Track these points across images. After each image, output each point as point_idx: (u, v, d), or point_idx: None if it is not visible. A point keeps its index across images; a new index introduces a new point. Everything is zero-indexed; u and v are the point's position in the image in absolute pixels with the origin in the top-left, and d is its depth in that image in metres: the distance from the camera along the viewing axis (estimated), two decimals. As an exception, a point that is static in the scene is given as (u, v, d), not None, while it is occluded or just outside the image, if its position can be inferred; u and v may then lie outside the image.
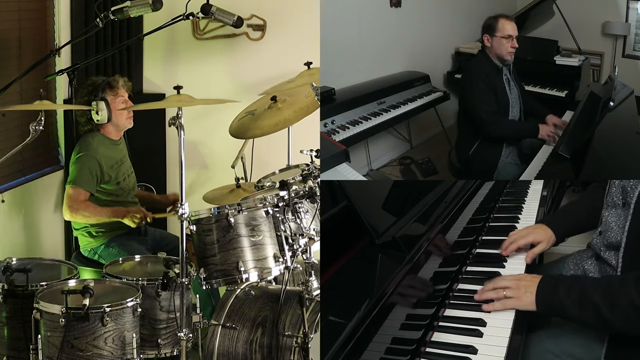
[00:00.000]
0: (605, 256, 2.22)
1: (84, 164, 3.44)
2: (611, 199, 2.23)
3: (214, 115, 4.24)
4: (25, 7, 3.78)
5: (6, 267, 2.88)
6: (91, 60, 3.80)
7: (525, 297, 2.03)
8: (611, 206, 2.23)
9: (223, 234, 2.84)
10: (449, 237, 2.34)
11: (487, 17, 3.60)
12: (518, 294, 2.05)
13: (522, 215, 2.92)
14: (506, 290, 2.07)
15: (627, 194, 2.14)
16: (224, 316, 2.96)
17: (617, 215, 2.18)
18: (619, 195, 2.18)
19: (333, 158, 2.89)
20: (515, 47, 3.52)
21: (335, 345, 1.57)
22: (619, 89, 3.33)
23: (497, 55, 3.52)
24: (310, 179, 3.04)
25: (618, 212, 2.18)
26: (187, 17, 3.61)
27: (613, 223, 2.19)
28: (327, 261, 1.90)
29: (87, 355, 2.67)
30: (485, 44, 3.52)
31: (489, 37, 3.50)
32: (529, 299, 2.03)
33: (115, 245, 3.54)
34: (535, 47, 4.54)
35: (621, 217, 2.15)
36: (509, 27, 3.48)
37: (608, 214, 2.23)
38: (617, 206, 2.19)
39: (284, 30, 4.36)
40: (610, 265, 2.20)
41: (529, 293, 2.03)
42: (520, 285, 2.07)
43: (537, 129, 3.42)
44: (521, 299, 2.04)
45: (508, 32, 3.47)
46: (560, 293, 1.97)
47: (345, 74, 4.19)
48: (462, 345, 1.91)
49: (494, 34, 3.48)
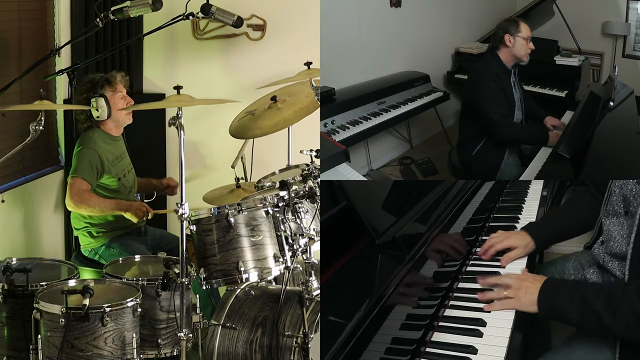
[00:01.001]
0: (610, 267, 2.19)
1: (84, 156, 3.44)
2: (612, 207, 2.20)
3: (214, 115, 4.24)
4: (25, 7, 3.78)
5: (6, 267, 2.88)
6: (91, 60, 3.80)
7: (526, 298, 2.02)
8: (612, 215, 2.20)
9: (223, 234, 2.84)
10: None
11: (505, 19, 3.62)
12: (519, 295, 2.04)
13: (522, 215, 2.92)
14: (507, 290, 2.06)
15: (629, 202, 2.11)
16: (224, 316, 2.96)
17: (619, 224, 2.15)
18: (620, 204, 2.15)
19: (333, 158, 2.89)
20: (532, 48, 3.54)
21: (335, 345, 1.57)
22: (619, 89, 3.33)
23: (515, 55, 3.51)
24: (310, 179, 3.03)
25: (620, 220, 2.15)
26: (187, 17, 3.61)
27: (616, 232, 2.16)
28: (327, 261, 1.90)
29: (87, 355, 2.67)
30: (506, 44, 3.50)
31: (510, 37, 3.48)
32: (530, 300, 2.01)
33: (116, 245, 3.54)
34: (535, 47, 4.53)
35: (624, 226, 2.12)
36: (527, 30, 3.51)
37: (609, 222, 2.20)
38: (618, 215, 2.16)
39: (284, 30, 4.36)
40: (615, 276, 2.17)
41: (530, 295, 2.02)
42: (522, 285, 2.05)
43: (547, 137, 3.40)
44: (522, 300, 2.03)
45: (528, 34, 3.50)
46: (562, 297, 1.96)
47: (345, 74, 4.19)
48: (462, 345, 1.91)
49: (516, 34, 3.48)
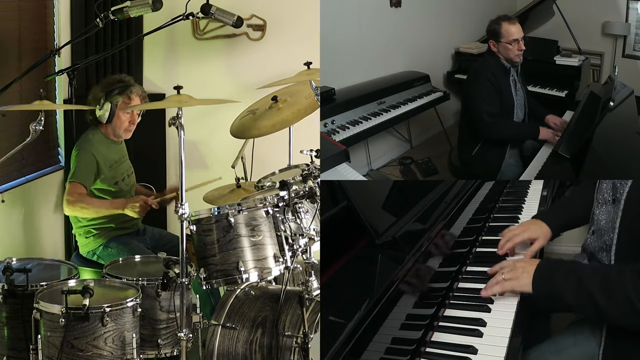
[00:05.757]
0: (599, 256, 2.20)
1: (80, 160, 3.46)
2: (602, 195, 2.21)
3: (214, 115, 4.24)
4: (25, 7, 3.78)
5: (6, 267, 2.88)
6: (91, 60, 3.80)
7: (523, 277, 2.03)
8: (602, 203, 2.21)
9: (223, 234, 2.84)
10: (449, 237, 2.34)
11: (490, 21, 3.53)
12: (515, 275, 2.05)
13: (522, 215, 2.92)
14: (504, 272, 2.08)
15: (616, 189, 2.12)
16: (224, 316, 2.96)
17: (607, 212, 2.16)
18: (610, 192, 2.16)
19: (333, 158, 2.89)
20: (522, 49, 3.47)
21: (335, 345, 1.57)
22: (619, 89, 3.32)
23: (505, 58, 3.49)
24: (310, 179, 3.03)
25: (608, 208, 2.16)
26: (187, 17, 3.61)
27: (603, 221, 2.17)
28: (327, 261, 1.90)
29: (87, 355, 2.67)
30: (492, 49, 3.48)
31: (494, 43, 3.46)
32: (525, 280, 2.03)
33: (114, 245, 3.54)
34: (535, 47, 4.53)
35: (611, 213, 2.13)
36: (514, 30, 3.42)
37: (599, 211, 2.22)
38: (607, 202, 2.17)
39: (284, 30, 4.36)
40: (603, 262, 2.17)
41: (526, 274, 2.03)
42: (517, 266, 2.08)
43: (538, 131, 3.40)
44: (518, 279, 2.04)
45: (513, 36, 3.41)
46: (558, 278, 1.97)
47: (345, 74, 4.19)
48: (462, 345, 1.92)
49: (499, 40, 3.44)
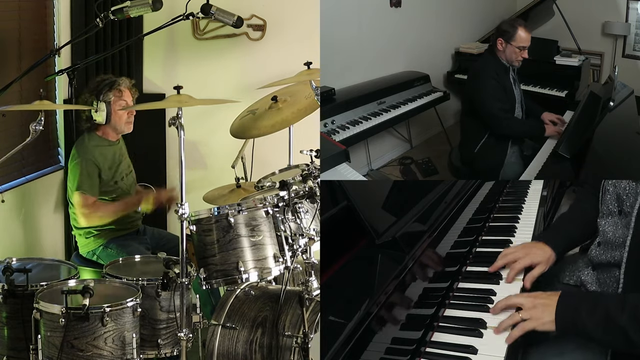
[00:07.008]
0: (605, 268, 2.15)
1: (82, 169, 3.44)
2: (606, 207, 2.17)
3: (214, 115, 4.24)
4: (25, 7, 3.78)
5: (6, 267, 2.88)
6: (91, 60, 3.80)
7: (544, 316, 1.89)
8: (606, 214, 2.17)
9: (223, 234, 2.84)
10: (449, 237, 2.34)
11: (505, 20, 3.57)
12: (535, 315, 1.90)
13: (522, 215, 2.92)
14: (521, 312, 1.94)
15: (622, 201, 2.07)
16: (224, 316, 2.96)
17: (614, 224, 2.12)
18: (614, 203, 2.12)
19: (333, 158, 2.89)
20: (525, 57, 3.51)
21: (335, 345, 1.57)
22: (619, 89, 3.33)
23: (506, 59, 3.52)
24: (310, 179, 3.03)
25: (615, 220, 2.12)
26: (187, 17, 3.61)
27: (610, 233, 2.13)
28: (327, 261, 1.90)
29: (87, 355, 2.67)
30: (497, 47, 3.49)
31: (503, 42, 3.47)
32: (547, 318, 1.89)
33: (113, 246, 3.54)
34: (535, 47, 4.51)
35: (618, 225, 2.09)
36: (525, 39, 3.46)
37: (604, 222, 2.16)
38: (612, 214, 2.13)
39: (284, 30, 4.36)
40: (611, 277, 2.14)
41: (547, 312, 1.89)
42: (536, 304, 1.92)
43: (544, 128, 3.46)
44: (539, 319, 1.90)
45: (523, 43, 3.46)
46: (582, 314, 1.85)
47: (345, 74, 4.19)
48: (462, 345, 1.91)
49: (509, 41, 3.45)
